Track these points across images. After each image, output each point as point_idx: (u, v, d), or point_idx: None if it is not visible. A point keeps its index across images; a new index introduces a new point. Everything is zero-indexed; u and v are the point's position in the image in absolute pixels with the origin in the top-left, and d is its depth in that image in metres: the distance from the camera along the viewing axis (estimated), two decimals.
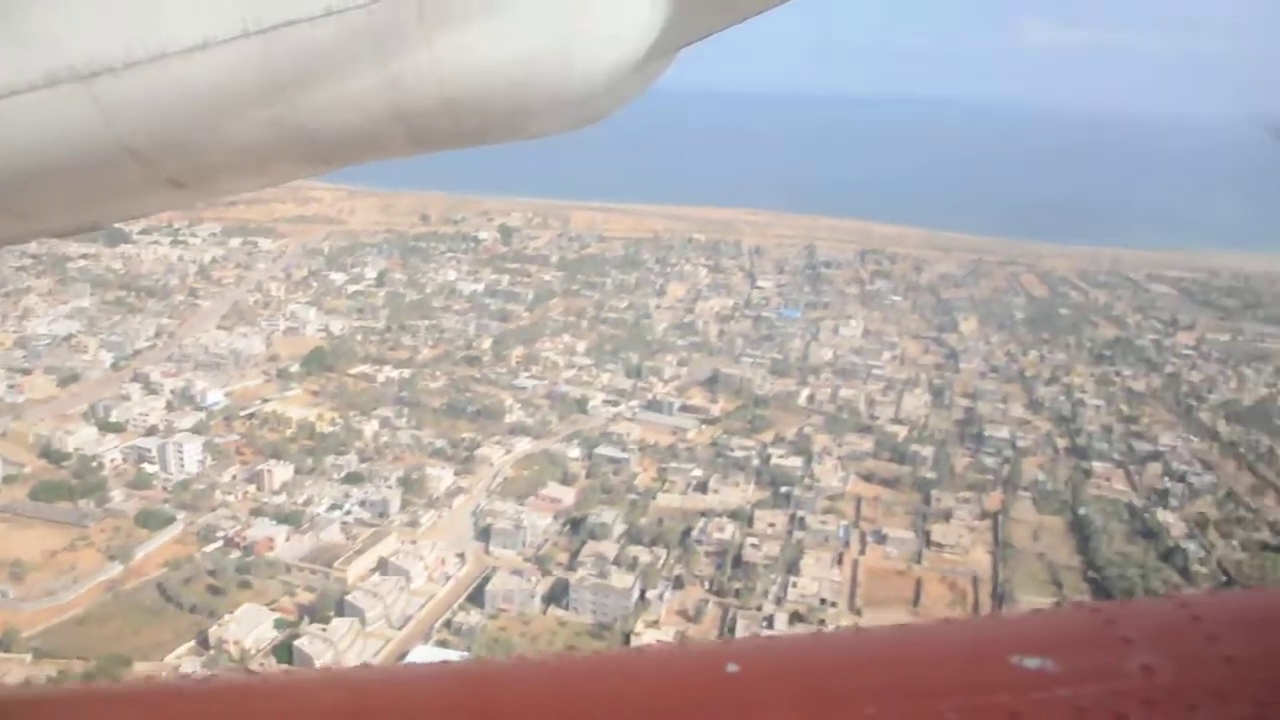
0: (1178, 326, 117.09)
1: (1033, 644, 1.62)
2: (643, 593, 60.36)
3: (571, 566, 63.56)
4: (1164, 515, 73.02)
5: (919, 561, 66.92)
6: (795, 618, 59.18)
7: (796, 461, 77.38)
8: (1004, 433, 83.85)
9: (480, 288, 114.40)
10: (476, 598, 60.65)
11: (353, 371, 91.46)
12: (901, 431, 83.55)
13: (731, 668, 1.62)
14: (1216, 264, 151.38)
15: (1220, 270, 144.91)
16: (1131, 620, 1.69)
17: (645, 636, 56.80)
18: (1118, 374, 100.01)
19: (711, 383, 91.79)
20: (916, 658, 1.71)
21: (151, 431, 77.84)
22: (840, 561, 65.93)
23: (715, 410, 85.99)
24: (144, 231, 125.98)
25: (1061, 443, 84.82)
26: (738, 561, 64.32)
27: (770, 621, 58.23)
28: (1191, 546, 68.85)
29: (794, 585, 62.14)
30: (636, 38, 3.37)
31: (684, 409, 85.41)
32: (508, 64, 3.33)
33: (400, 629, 57.86)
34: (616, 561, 63.51)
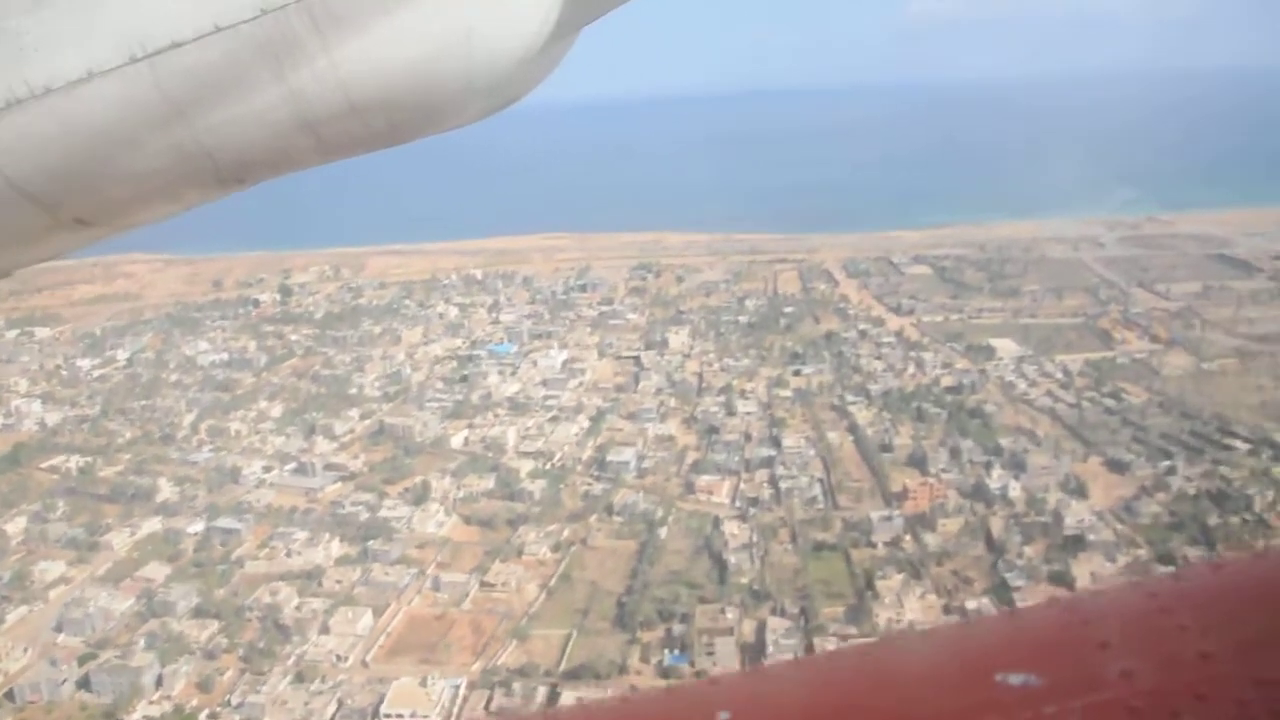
0: (900, 312, 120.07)
1: (1013, 655, 1.64)
2: (160, 670, 64.66)
3: (125, 647, 68.01)
4: (734, 527, 76.53)
5: (462, 605, 70.86)
6: (298, 678, 63.44)
7: (403, 511, 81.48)
8: (627, 456, 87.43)
9: (222, 357, 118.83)
10: (11, 693, 65.21)
11: (44, 465, 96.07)
12: (527, 466, 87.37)
13: (723, 716, 1.56)
14: (1001, 235, 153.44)
15: (991, 243, 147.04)
16: (1106, 619, 1.71)
17: (137, 714, 61.50)
18: (797, 373, 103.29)
19: (375, 435, 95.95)
20: (901, 679, 1.71)
21: None
22: (383, 613, 69.99)
23: (360, 464, 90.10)
24: None
25: (692, 458, 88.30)
26: (278, 625, 68.57)
27: (260, 686, 62.47)
28: (734, 559, 72.24)
29: (315, 645, 66.34)
30: (537, 22, 3.46)
31: (329, 467, 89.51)
32: (410, 62, 3.38)
33: None
34: (167, 638, 67.90)
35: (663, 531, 77.11)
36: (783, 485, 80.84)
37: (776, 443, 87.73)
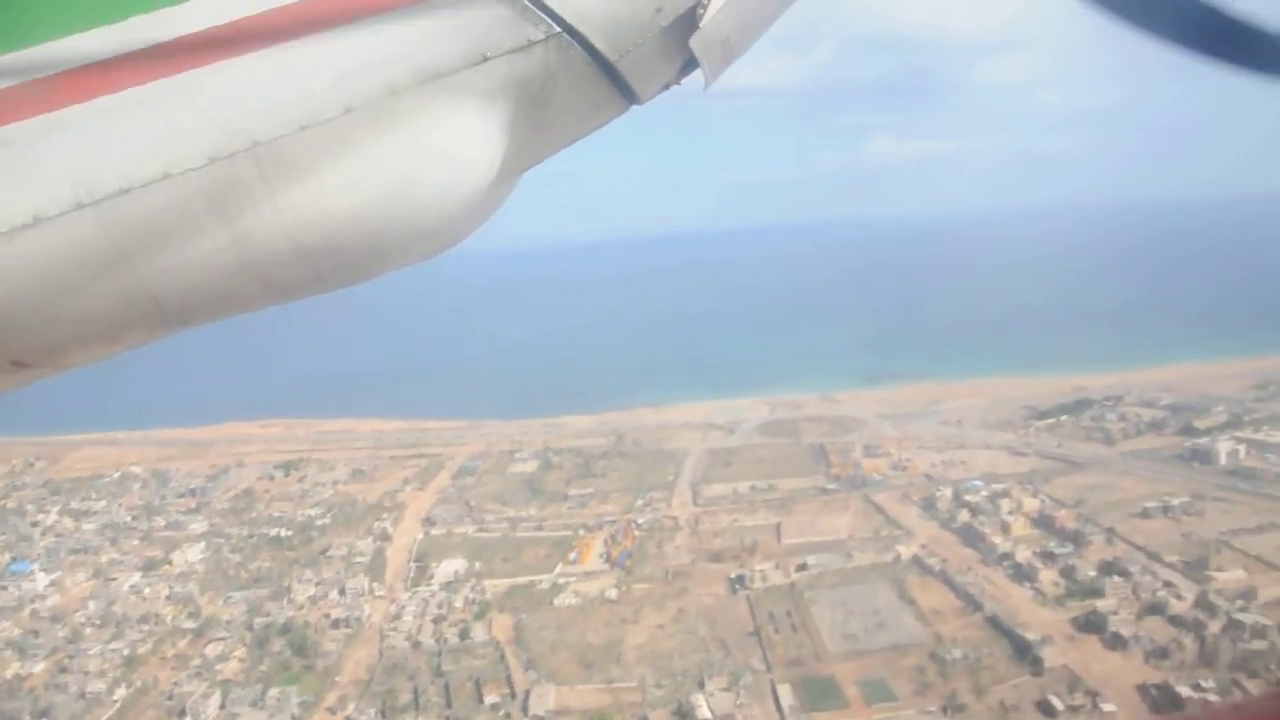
0: (427, 523, 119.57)
1: None
2: None
3: None
4: None
5: None
6: None
7: None
8: None
9: None
10: None
11: None
12: None
13: None
14: (661, 420, 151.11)
15: (634, 431, 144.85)
16: None
17: None
18: (227, 600, 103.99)
19: None
20: None
21: None
22: None
23: None
24: None
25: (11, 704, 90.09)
26: None
27: None
28: None
29: None
30: (481, 168, 3.65)
31: None
32: (355, 208, 3.52)
33: None
34: None
35: None
36: None
37: (82, 691, 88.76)
